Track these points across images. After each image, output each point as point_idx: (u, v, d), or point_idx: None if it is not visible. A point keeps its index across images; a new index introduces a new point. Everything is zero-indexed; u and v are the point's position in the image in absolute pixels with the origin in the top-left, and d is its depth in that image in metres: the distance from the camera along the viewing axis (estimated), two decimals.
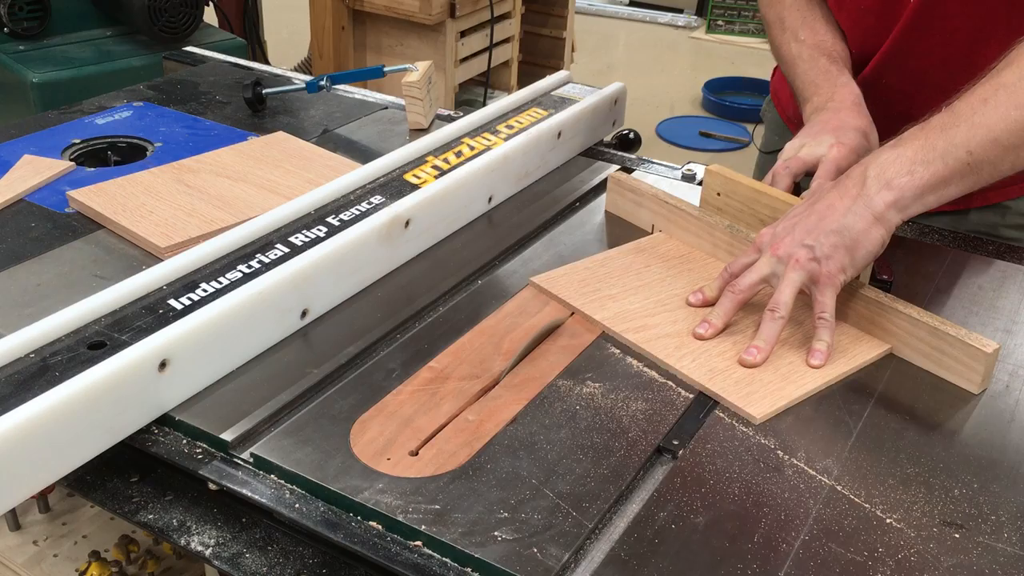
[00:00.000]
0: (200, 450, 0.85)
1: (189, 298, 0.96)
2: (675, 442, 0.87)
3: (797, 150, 1.15)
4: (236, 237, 1.06)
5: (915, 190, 0.97)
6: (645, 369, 0.97)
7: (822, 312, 0.97)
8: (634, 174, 1.39)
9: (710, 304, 1.03)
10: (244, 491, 0.81)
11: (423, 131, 1.48)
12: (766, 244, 1.01)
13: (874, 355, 0.99)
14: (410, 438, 0.85)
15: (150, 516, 0.83)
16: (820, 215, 0.98)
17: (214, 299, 0.94)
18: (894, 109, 1.19)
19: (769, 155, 1.52)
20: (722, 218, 1.15)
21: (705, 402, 0.93)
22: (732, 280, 1.02)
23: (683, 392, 0.94)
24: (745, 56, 5.31)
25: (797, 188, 1.15)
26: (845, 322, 1.03)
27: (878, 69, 1.26)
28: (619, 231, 1.24)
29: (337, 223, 1.11)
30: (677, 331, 1.01)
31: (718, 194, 1.17)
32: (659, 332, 1.01)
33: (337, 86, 1.58)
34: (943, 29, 1.18)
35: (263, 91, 1.54)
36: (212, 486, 0.83)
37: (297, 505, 0.80)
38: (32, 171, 1.29)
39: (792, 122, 1.46)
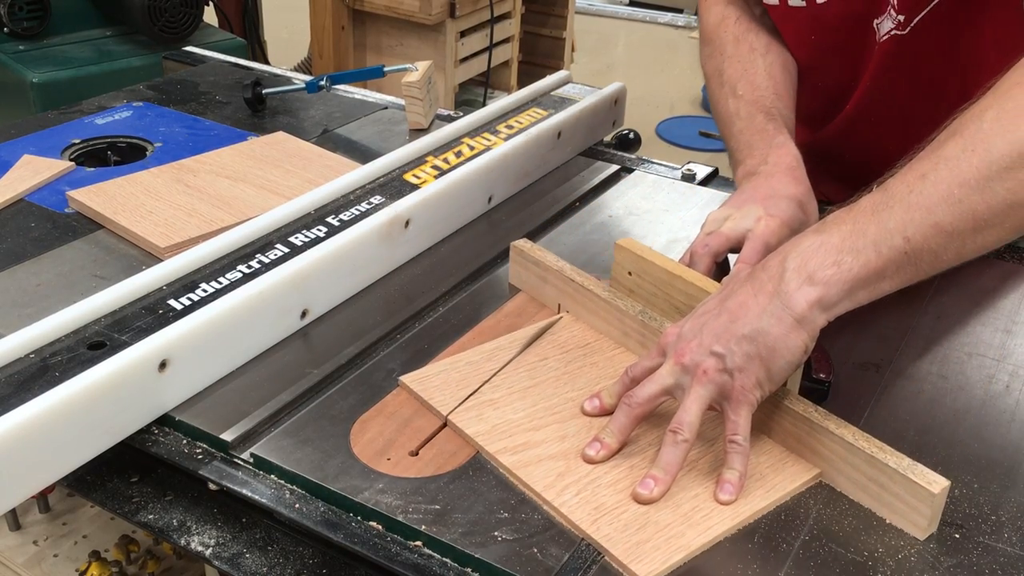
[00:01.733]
0: (200, 450, 0.85)
1: (189, 298, 0.96)
2: None
3: (720, 223, 1.01)
4: (236, 237, 1.06)
5: (842, 284, 0.81)
6: None
7: (734, 434, 0.81)
8: (634, 174, 1.39)
9: (608, 413, 0.86)
10: (244, 491, 0.81)
11: (423, 131, 1.48)
12: (670, 348, 0.84)
13: (799, 484, 0.82)
14: (410, 438, 0.85)
15: (150, 516, 0.83)
16: (732, 315, 0.82)
17: (214, 299, 0.94)
18: (886, 147, 1.08)
19: None
20: (634, 301, 0.99)
21: None
22: (632, 388, 0.85)
23: None
24: None
25: (726, 266, 1.02)
26: (769, 437, 0.87)
27: (860, 107, 1.20)
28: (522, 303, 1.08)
29: (337, 223, 1.11)
30: (564, 450, 0.83)
31: (629, 273, 1.01)
32: (542, 452, 0.83)
33: (337, 86, 1.58)
34: (927, 65, 1.13)
35: (263, 91, 1.54)
36: (212, 486, 0.83)
37: (297, 505, 0.80)
38: (32, 171, 1.29)
39: None
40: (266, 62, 3.20)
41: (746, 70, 1.17)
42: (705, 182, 1.38)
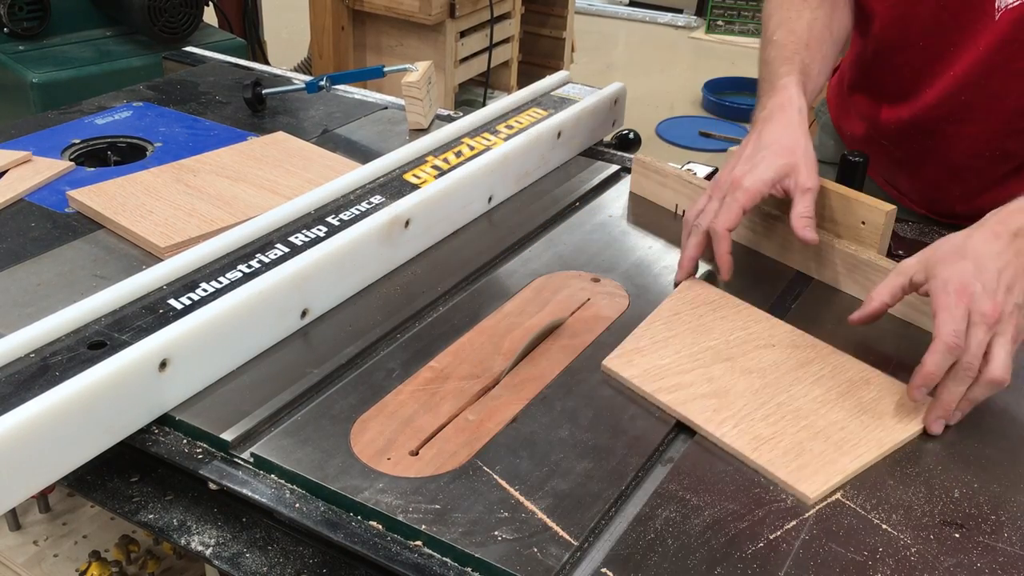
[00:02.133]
0: (200, 450, 0.86)
1: (189, 298, 0.96)
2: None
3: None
4: (236, 237, 1.06)
5: None
6: None
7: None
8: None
9: (934, 383, 0.89)
10: (244, 491, 0.81)
11: (423, 131, 1.48)
12: (977, 302, 0.89)
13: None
14: (410, 438, 0.85)
15: (150, 516, 0.83)
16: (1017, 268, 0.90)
17: (214, 299, 0.94)
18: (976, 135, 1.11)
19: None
20: None
21: None
22: (952, 352, 0.88)
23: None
24: (745, 56, 5.31)
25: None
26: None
27: (962, 84, 1.18)
28: (641, 210, 1.29)
29: (337, 223, 1.11)
30: (714, 390, 0.92)
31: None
32: (694, 392, 0.92)
33: (337, 86, 1.58)
34: None
35: (263, 91, 1.54)
36: (212, 486, 0.83)
37: (297, 505, 0.80)
38: (32, 171, 1.29)
39: (844, 133, 1.43)
40: (266, 62, 3.20)
41: (789, 18, 1.21)
42: None
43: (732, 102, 4.59)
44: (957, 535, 0.78)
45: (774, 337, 1.01)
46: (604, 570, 0.74)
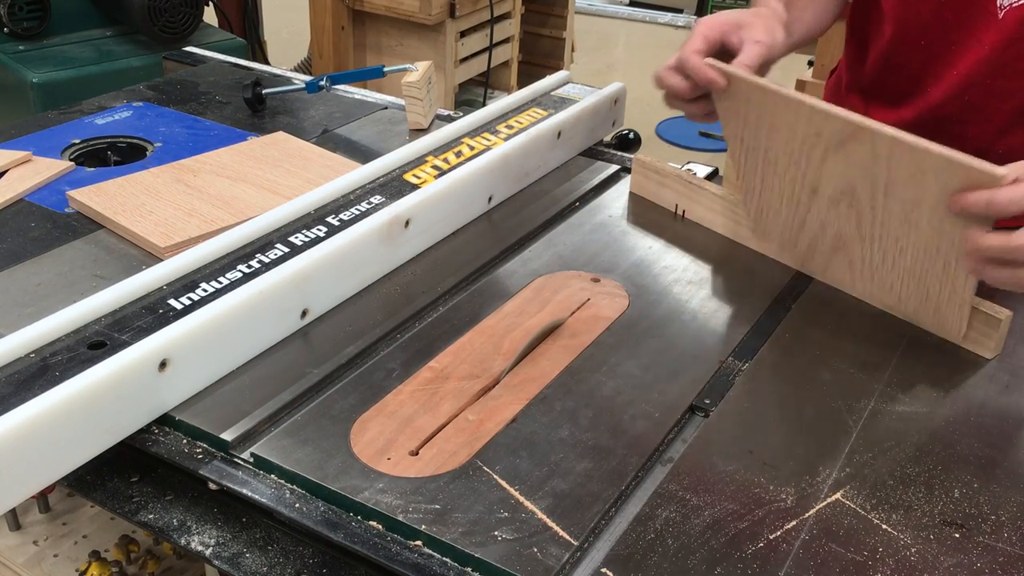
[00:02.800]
0: (200, 450, 0.86)
1: (189, 298, 0.96)
2: (707, 401, 0.92)
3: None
4: (236, 237, 1.06)
5: None
6: (648, 369, 0.97)
7: None
8: None
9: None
10: (244, 491, 0.81)
11: (423, 131, 1.48)
12: None
13: None
14: (410, 438, 0.85)
15: (150, 516, 0.83)
16: None
17: (214, 299, 0.94)
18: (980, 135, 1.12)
19: None
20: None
21: (704, 410, 0.93)
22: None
23: (685, 396, 0.94)
24: None
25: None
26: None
27: (966, 83, 1.17)
28: (641, 210, 1.30)
29: (337, 223, 1.11)
30: (833, 236, 1.06)
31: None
32: (823, 244, 1.09)
33: (337, 86, 1.58)
34: None
35: (263, 91, 1.54)
36: (212, 486, 0.83)
37: (297, 505, 0.80)
38: (32, 171, 1.29)
39: None
40: (266, 62, 3.20)
41: None
42: None
43: None
44: (957, 535, 0.78)
45: (823, 132, 0.99)
46: (604, 570, 0.74)
